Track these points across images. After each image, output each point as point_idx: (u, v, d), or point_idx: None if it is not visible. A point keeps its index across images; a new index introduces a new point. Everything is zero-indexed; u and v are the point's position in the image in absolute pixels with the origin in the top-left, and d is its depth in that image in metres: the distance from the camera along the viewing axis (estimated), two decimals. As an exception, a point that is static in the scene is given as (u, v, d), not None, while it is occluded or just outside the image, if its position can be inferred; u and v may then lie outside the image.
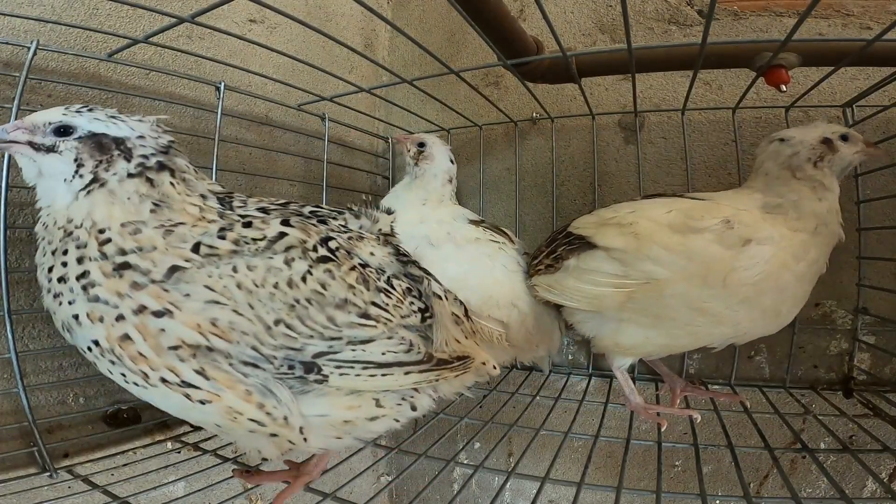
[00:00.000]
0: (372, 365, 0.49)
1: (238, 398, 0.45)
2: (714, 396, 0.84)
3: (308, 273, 0.47)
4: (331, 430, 0.51)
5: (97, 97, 0.68)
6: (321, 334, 0.47)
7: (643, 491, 0.62)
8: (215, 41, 0.83)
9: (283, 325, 0.45)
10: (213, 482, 0.65)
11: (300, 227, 0.50)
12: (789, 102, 0.88)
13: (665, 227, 0.71)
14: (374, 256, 0.55)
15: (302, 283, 0.47)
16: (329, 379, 0.48)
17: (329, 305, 0.48)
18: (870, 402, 0.81)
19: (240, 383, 0.45)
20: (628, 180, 1.05)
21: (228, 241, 0.46)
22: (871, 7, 0.90)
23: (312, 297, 0.47)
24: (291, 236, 0.48)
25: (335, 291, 0.48)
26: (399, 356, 0.51)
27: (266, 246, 0.47)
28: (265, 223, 0.48)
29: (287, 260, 0.47)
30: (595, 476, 1.05)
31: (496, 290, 0.83)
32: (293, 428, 0.48)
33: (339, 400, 0.50)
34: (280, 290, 0.46)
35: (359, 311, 0.49)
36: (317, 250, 0.49)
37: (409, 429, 1.19)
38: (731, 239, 0.67)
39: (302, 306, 0.46)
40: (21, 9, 0.60)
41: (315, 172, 1.03)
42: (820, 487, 0.88)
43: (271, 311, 0.45)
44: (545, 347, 0.89)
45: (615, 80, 1.06)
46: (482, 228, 0.89)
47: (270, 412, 0.46)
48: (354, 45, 1.16)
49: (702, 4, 1.00)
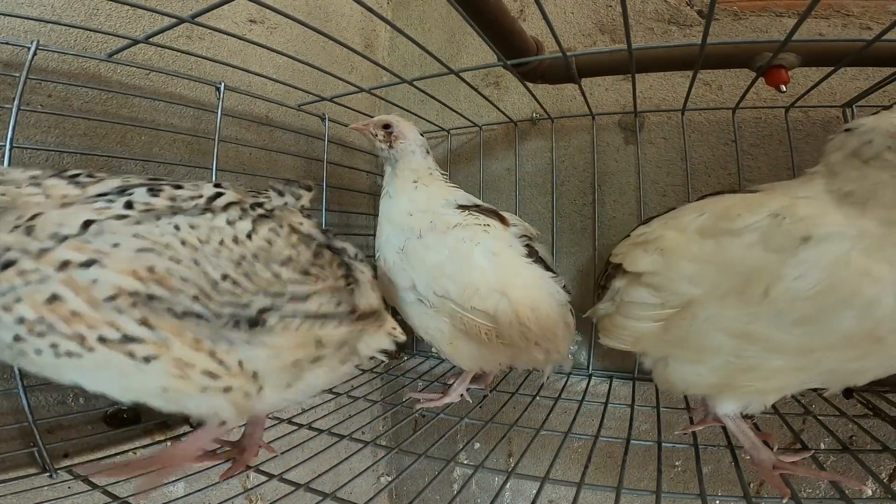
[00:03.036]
0: (311, 316, 0.52)
1: (187, 346, 0.44)
2: (837, 480, 0.57)
3: (253, 231, 0.49)
4: (282, 376, 0.52)
5: (97, 97, 0.68)
6: (266, 290, 0.48)
7: (643, 491, 0.62)
8: (215, 41, 0.83)
9: (229, 282, 0.46)
10: (213, 482, 0.65)
11: (234, 188, 0.51)
12: (789, 102, 0.88)
13: (694, 234, 0.60)
14: (304, 226, 0.56)
15: (248, 239, 0.48)
16: (274, 329, 0.49)
17: (274, 262, 0.49)
18: (870, 402, 0.81)
19: (187, 331, 0.44)
20: (628, 180, 1.05)
21: (163, 198, 0.46)
22: (871, 7, 0.90)
23: (259, 253, 0.48)
24: (228, 195, 0.50)
25: (280, 249, 0.50)
26: (331, 308, 0.54)
27: (205, 204, 0.48)
28: (197, 186, 0.50)
29: (229, 219, 0.48)
30: (595, 476, 1.05)
31: (476, 277, 0.75)
32: (247, 374, 0.48)
33: (286, 336, 0.50)
34: (226, 247, 0.47)
35: (301, 268, 0.52)
36: (254, 209, 0.51)
37: (410, 429, 1.19)
38: (781, 238, 0.52)
39: (248, 262, 0.47)
40: (21, 9, 0.60)
41: (315, 172, 1.03)
42: (820, 487, 0.88)
43: (217, 267, 0.45)
44: (546, 348, 0.77)
45: (615, 80, 1.06)
46: (468, 213, 0.82)
47: (223, 359, 0.46)
48: (354, 45, 1.16)
49: (702, 5, 1.00)
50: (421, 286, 0.79)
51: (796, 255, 0.50)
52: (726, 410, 0.63)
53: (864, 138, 0.54)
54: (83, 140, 0.66)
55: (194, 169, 0.80)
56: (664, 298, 0.61)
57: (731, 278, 0.55)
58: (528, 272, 0.79)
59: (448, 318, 0.79)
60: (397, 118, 0.87)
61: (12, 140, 0.55)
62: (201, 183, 0.51)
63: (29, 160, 0.60)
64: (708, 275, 0.57)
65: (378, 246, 0.86)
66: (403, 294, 0.82)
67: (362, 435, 0.83)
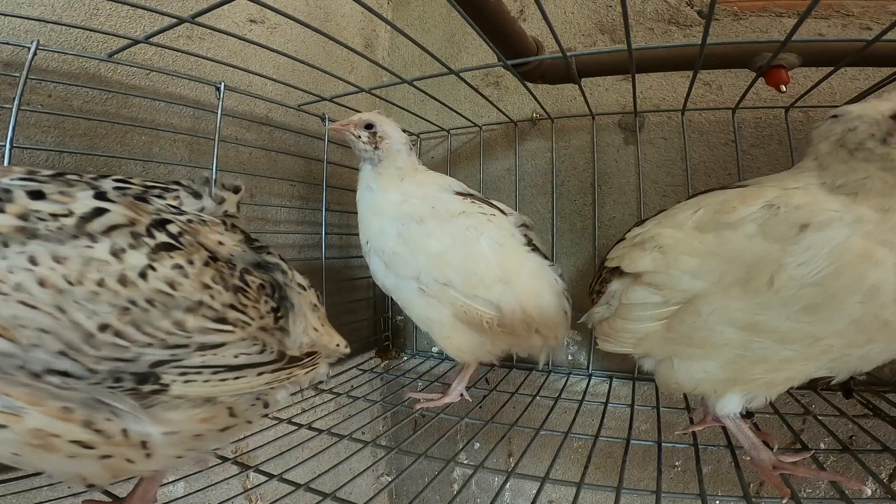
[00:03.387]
0: (223, 369, 0.41)
1: (51, 417, 0.34)
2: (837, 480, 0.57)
3: (150, 268, 0.37)
4: (179, 447, 0.42)
5: (97, 97, 0.68)
6: (163, 342, 0.38)
7: (643, 491, 0.62)
8: (215, 41, 0.83)
9: (110, 333, 0.35)
10: (213, 482, 0.65)
11: (124, 201, 0.38)
12: (789, 103, 0.88)
13: (692, 229, 0.60)
14: (224, 246, 0.45)
15: (141, 280, 0.37)
16: (171, 388, 0.39)
17: (177, 309, 0.38)
18: (870, 402, 0.81)
19: (51, 399, 0.34)
20: (628, 180, 1.05)
21: (10, 214, 0.34)
22: (871, 7, 0.90)
23: (156, 298, 0.37)
24: (114, 213, 0.37)
25: (187, 292, 0.39)
26: (252, 357, 0.44)
27: (76, 225, 0.35)
28: (66, 194, 0.37)
29: (115, 248, 0.36)
30: (595, 476, 1.05)
31: (481, 267, 0.76)
32: (133, 443, 0.38)
33: (191, 412, 0.41)
34: (107, 289, 0.35)
35: (215, 314, 0.41)
36: (153, 235, 0.38)
37: (409, 429, 1.20)
38: (780, 227, 0.52)
39: (140, 309, 0.36)
40: (21, 9, 0.60)
41: (315, 172, 1.03)
42: (820, 487, 0.88)
43: (93, 316, 0.34)
44: (544, 335, 0.81)
45: (615, 80, 1.06)
46: (470, 201, 0.82)
47: (103, 429, 0.36)
48: (354, 45, 1.16)
49: (702, 5, 1.00)
50: (422, 274, 0.78)
51: (798, 243, 0.50)
52: (730, 409, 0.62)
53: (850, 125, 0.55)
54: (83, 140, 0.66)
55: (194, 169, 0.80)
56: (666, 296, 0.61)
57: (734, 270, 0.55)
58: (530, 262, 0.81)
59: (449, 308, 0.79)
60: (379, 117, 0.84)
61: (12, 140, 0.55)
62: (74, 189, 0.38)
63: (29, 160, 0.60)
64: (710, 268, 0.57)
65: (369, 239, 0.83)
66: (404, 283, 0.81)
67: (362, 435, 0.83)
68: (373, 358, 1.22)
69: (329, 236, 1.02)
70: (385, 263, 0.81)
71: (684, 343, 0.60)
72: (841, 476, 0.58)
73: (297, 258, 1.02)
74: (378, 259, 0.82)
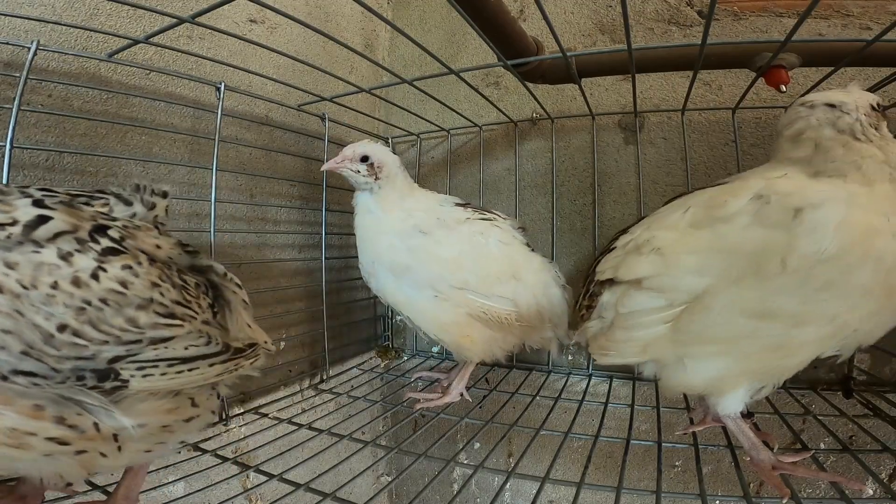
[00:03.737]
0: (177, 361, 0.44)
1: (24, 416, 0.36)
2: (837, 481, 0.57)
3: (100, 269, 0.39)
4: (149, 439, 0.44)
5: (97, 97, 0.68)
6: (118, 338, 0.40)
7: (643, 491, 0.62)
8: (215, 41, 0.83)
9: (69, 333, 0.37)
10: (213, 482, 0.65)
11: (64, 209, 0.40)
12: (789, 103, 0.88)
13: (687, 228, 0.61)
14: (161, 249, 0.47)
15: (93, 281, 0.39)
16: (130, 383, 0.41)
17: (130, 306, 0.41)
18: (870, 402, 0.81)
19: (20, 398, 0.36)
20: (628, 180, 1.05)
21: None
22: (871, 7, 0.90)
23: (109, 297, 0.39)
24: (57, 220, 0.39)
25: (138, 290, 0.41)
26: (201, 349, 0.47)
27: (22, 233, 0.36)
28: (6, 203, 0.38)
29: (62, 253, 0.38)
30: (595, 476, 1.05)
31: (494, 266, 0.82)
32: (106, 437, 0.40)
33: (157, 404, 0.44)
34: (62, 291, 0.37)
35: (165, 310, 0.43)
36: (96, 240, 0.40)
37: (409, 429, 1.20)
38: (774, 214, 0.53)
39: (95, 308, 0.38)
40: (21, 9, 0.60)
41: (315, 172, 1.03)
42: (820, 487, 0.88)
43: (51, 318, 0.36)
44: (554, 325, 0.87)
45: (615, 80, 1.06)
46: (470, 209, 0.87)
47: (76, 424, 0.38)
48: (354, 45, 1.16)
49: (702, 5, 1.00)
50: (437, 281, 0.80)
51: (802, 224, 0.51)
52: (732, 408, 0.62)
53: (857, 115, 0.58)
54: (83, 140, 0.66)
55: (194, 169, 0.80)
56: (670, 298, 0.60)
57: (739, 261, 0.55)
58: (535, 259, 0.88)
59: (465, 309, 0.81)
60: (371, 146, 0.83)
61: (12, 140, 0.55)
62: (11, 198, 0.39)
63: (29, 160, 0.60)
64: (714, 263, 0.57)
65: (376, 257, 0.83)
66: (418, 294, 0.82)
67: (362, 435, 0.83)
68: (373, 358, 1.22)
69: (329, 236, 1.02)
70: (396, 277, 0.83)
71: (697, 341, 0.60)
72: (841, 476, 0.58)
73: (297, 258, 1.02)
74: (388, 274, 0.83)
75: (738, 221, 0.55)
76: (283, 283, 0.97)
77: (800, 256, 0.51)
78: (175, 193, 0.77)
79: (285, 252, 0.99)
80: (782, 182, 0.56)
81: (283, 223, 0.99)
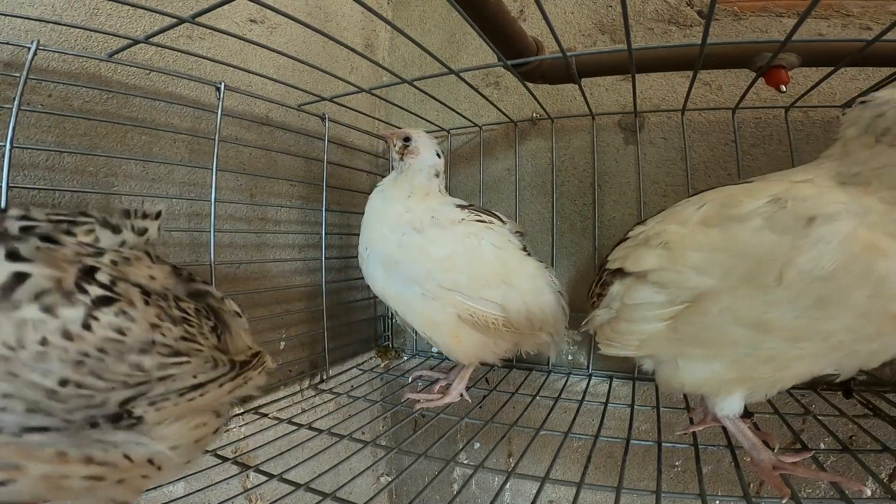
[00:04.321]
0: (187, 390, 0.43)
1: (50, 464, 0.35)
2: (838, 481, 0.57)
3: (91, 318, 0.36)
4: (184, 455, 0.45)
5: (97, 97, 0.68)
6: (125, 383, 0.38)
7: (643, 491, 0.62)
8: (215, 41, 0.83)
9: (72, 386, 0.35)
10: (213, 482, 0.65)
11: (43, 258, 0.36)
12: (789, 103, 0.88)
13: (698, 224, 0.59)
14: (156, 280, 0.45)
15: (86, 331, 0.36)
16: (145, 418, 0.40)
17: (132, 352, 0.39)
18: (870, 402, 0.81)
19: (40, 449, 0.35)
20: (628, 180, 1.05)
21: None
22: (871, 7, 0.90)
23: (107, 346, 0.37)
24: (37, 277, 0.35)
25: (137, 335, 0.39)
26: (209, 374, 0.46)
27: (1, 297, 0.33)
28: None
29: (46, 306, 0.35)
30: (595, 476, 1.05)
31: (486, 269, 0.80)
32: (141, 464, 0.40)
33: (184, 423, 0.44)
34: (54, 346, 0.34)
35: (170, 350, 0.42)
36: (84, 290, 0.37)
37: (409, 429, 1.20)
38: (787, 220, 0.51)
39: (95, 359, 0.36)
40: (21, 9, 0.60)
41: (315, 172, 1.03)
42: (820, 487, 0.88)
43: (49, 374, 0.34)
44: (548, 331, 0.85)
45: (615, 80, 1.06)
46: (468, 210, 0.86)
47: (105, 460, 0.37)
48: (354, 45, 1.16)
49: (702, 5, 1.00)
50: (426, 279, 0.80)
51: (807, 237, 0.49)
52: (730, 410, 0.61)
53: (878, 111, 0.53)
54: (83, 140, 0.66)
55: (194, 169, 0.80)
56: (672, 295, 0.59)
57: (741, 266, 0.53)
58: (529, 265, 0.86)
59: (454, 310, 0.81)
60: (422, 134, 0.90)
61: (12, 140, 0.55)
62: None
63: (29, 160, 0.60)
64: (718, 263, 0.55)
65: (369, 244, 0.86)
66: (406, 289, 0.82)
67: (362, 435, 0.83)
68: (373, 358, 1.22)
69: (329, 236, 1.02)
70: (386, 269, 0.84)
71: (691, 343, 0.59)
72: (841, 477, 0.57)
73: (297, 258, 1.02)
74: (378, 265, 0.84)
75: (751, 223, 0.53)
76: (283, 283, 0.97)
77: (797, 271, 0.49)
78: (175, 193, 0.77)
79: (285, 252, 0.99)
80: (803, 188, 0.53)
81: (283, 223, 0.99)
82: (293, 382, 0.98)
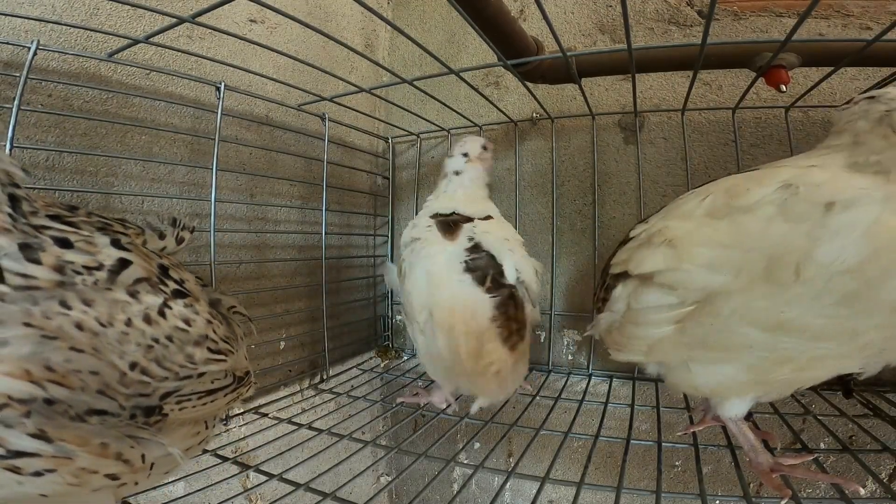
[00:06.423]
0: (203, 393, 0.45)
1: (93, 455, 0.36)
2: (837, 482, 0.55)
3: (165, 306, 0.40)
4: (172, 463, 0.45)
5: (98, 97, 0.68)
6: (176, 374, 0.40)
7: (643, 491, 0.62)
8: (216, 41, 0.83)
9: (138, 371, 0.37)
10: (213, 482, 0.65)
11: (138, 252, 0.41)
12: (789, 103, 0.88)
13: (703, 217, 0.54)
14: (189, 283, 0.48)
15: (160, 318, 0.39)
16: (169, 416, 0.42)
17: (189, 343, 0.42)
18: (870, 402, 0.81)
19: (93, 437, 0.36)
20: (628, 180, 1.05)
21: (47, 266, 0.34)
22: (871, 7, 0.90)
23: (174, 334, 0.40)
24: (137, 266, 0.39)
25: (198, 327, 0.43)
26: (221, 382, 0.48)
27: (107, 279, 0.37)
28: (91, 244, 0.38)
29: (133, 292, 0.38)
30: (595, 476, 1.05)
31: (415, 293, 0.74)
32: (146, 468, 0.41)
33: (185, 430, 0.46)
34: (135, 329, 0.37)
35: (215, 346, 0.45)
36: (165, 283, 0.41)
37: (409, 429, 1.20)
38: (801, 207, 0.46)
39: (162, 346, 0.39)
40: (21, 9, 0.60)
41: (315, 172, 1.03)
42: (820, 487, 0.88)
43: (124, 356, 0.36)
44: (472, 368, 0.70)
45: (615, 80, 1.06)
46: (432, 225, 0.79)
47: (129, 458, 0.39)
48: (354, 45, 1.16)
49: (702, 5, 1.00)
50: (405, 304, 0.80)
51: (825, 227, 0.44)
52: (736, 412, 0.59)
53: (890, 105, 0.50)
54: (83, 140, 0.66)
55: (194, 169, 0.80)
56: (682, 296, 0.55)
57: (754, 261, 0.48)
58: (457, 288, 0.70)
59: None
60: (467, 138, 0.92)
61: (12, 140, 0.55)
62: (95, 236, 0.38)
63: (29, 160, 0.60)
64: (729, 258, 0.50)
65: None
66: None
67: (362, 435, 0.83)
68: (373, 358, 1.22)
69: (329, 236, 1.02)
70: None
71: (701, 347, 0.55)
72: (841, 477, 0.56)
73: (298, 258, 1.02)
74: None
75: (761, 213, 0.48)
76: (283, 283, 0.97)
77: (817, 266, 0.44)
78: (175, 193, 0.77)
79: (285, 252, 0.99)
80: (816, 172, 0.48)
81: (283, 223, 0.99)
82: (293, 382, 0.98)
